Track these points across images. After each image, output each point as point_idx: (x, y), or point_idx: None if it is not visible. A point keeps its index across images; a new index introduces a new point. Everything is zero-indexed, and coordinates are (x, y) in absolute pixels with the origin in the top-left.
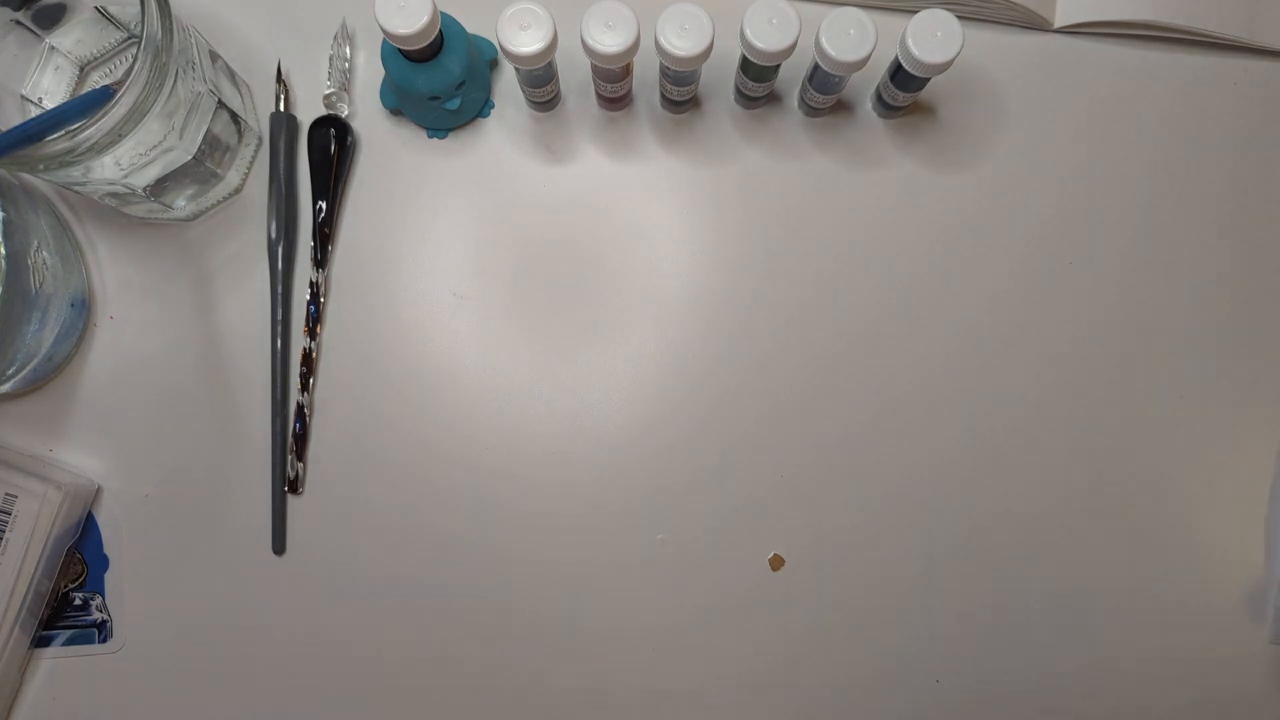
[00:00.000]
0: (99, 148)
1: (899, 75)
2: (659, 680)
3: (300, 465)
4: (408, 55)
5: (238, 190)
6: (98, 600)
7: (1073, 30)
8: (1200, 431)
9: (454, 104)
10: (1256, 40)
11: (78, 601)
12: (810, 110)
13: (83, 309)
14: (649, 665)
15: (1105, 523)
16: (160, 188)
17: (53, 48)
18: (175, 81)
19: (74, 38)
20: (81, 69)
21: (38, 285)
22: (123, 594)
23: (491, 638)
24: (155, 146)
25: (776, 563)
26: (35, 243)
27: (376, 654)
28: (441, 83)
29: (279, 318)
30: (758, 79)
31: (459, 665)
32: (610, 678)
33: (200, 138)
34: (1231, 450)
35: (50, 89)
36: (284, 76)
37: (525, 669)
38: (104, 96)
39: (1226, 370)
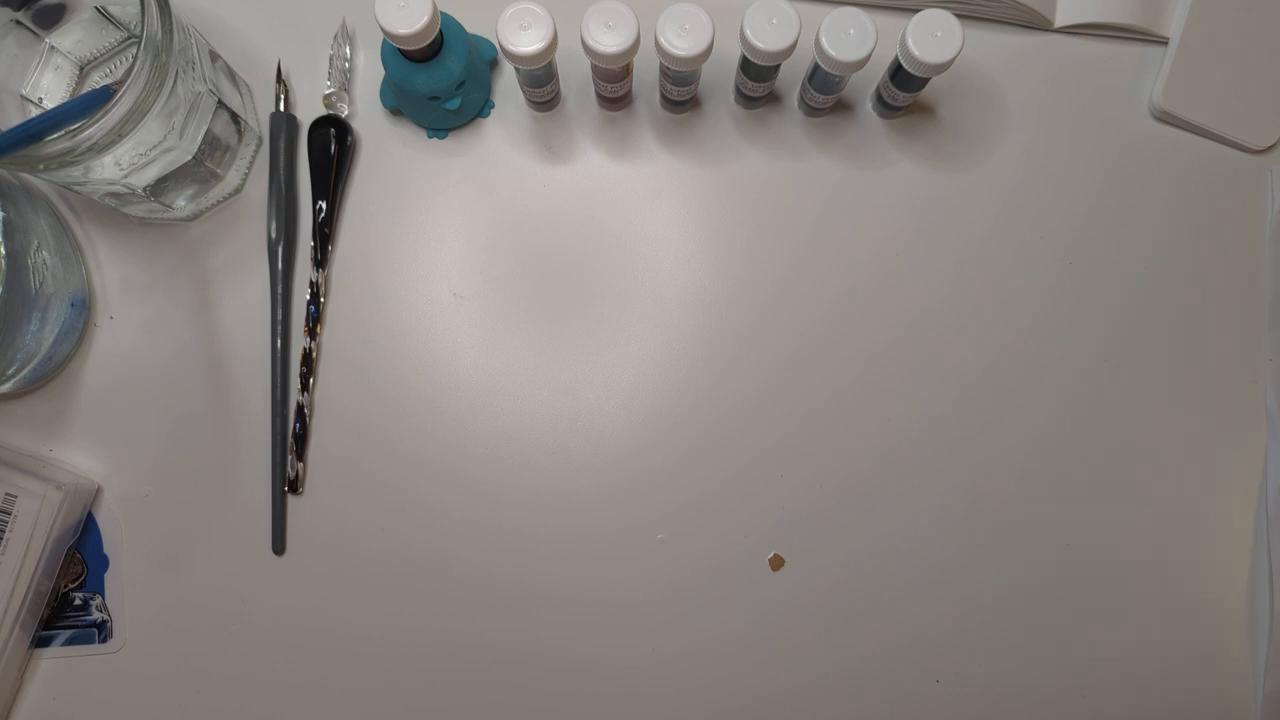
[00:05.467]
0: (99, 148)
1: (899, 75)
2: (658, 677)
3: (300, 465)
4: (408, 55)
5: (238, 190)
6: (98, 600)
7: (1073, 30)
8: (1211, 418)
9: (454, 104)
10: None
11: (78, 601)
12: (810, 110)
13: (83, 309)
14: (648, 662)
15: (1107, 522)
16: (160, 188)
17: (53, 48)
18: (175, 81)
19: (74, 38)
20: (81, 69)
21: (38, 285)
22: (123, 594)
23: (492, 637)
24: (155, 146)
25: (776, 563)
26: (35, 243)
27: (376, 653)
28: (441, 83)
29: (279, 318)
30: (758, 79)
31: (459, 664)
32: (609, 674)
33: (200, 138)
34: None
35: (50, 89)
36: (284, 76)
37: (527, 667)
38: (104, 96)
39: (1237, 374)
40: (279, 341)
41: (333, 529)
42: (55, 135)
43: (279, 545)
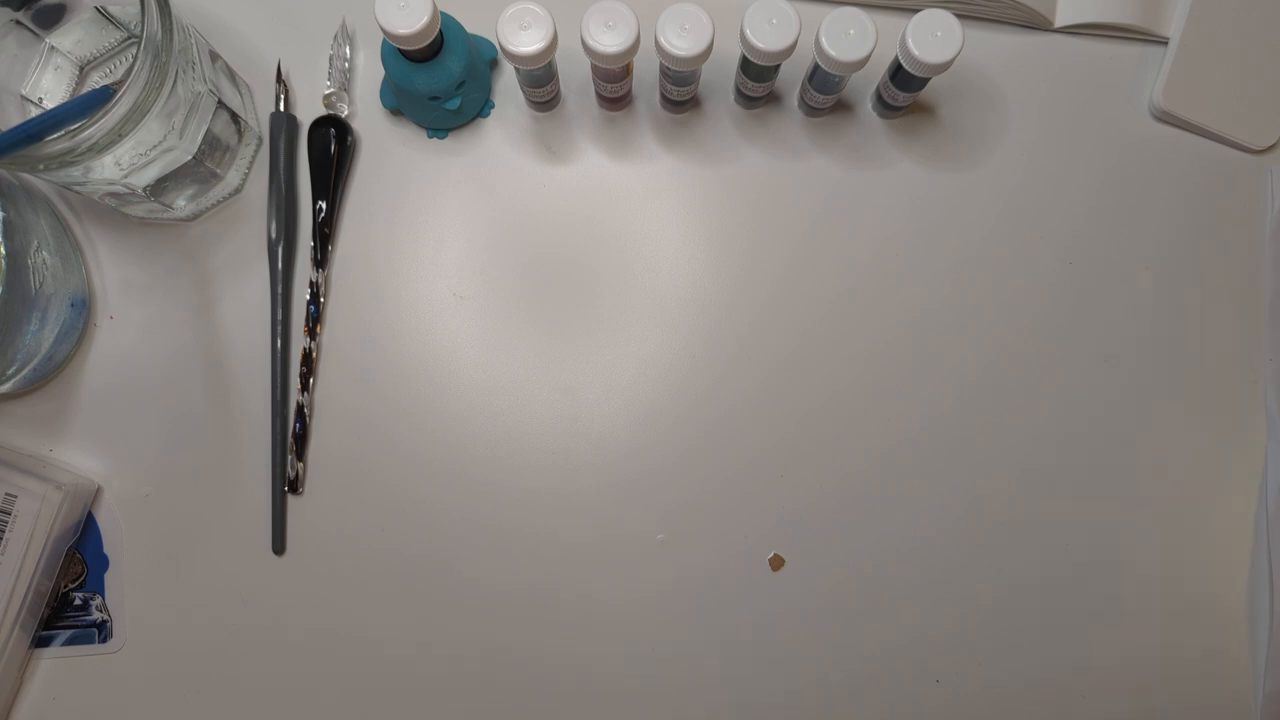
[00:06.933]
0: (99, 148)
1: (899, 75)
2: (658, 677)
3: (300, 465)
4: (408, 55)
5: (238, 190)
6: (98, 600)
7: (1073, 30)
8: (1211, 418)
9: (454, 104)
10: None
11: (78, 601)
12: (810, 110)
13: (83, 309)
14: (648, 662)
15: (1107, 522)
16: (160, 188)
17: (53, 48)
18: (175, 81)
19: (74, 38)
20: (81, 69)
21: (38, 285)
22: (123, 594)
23: (492, 637)
24: (155, 146)
25: (776, 563)
26: (35, 243)
27: (376, 654)
28: (441, 83)
29: (279, 318)
30: (758, 79)
31: (459, 663)
32: (610, 674)
33: (200, 138)
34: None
35: (50, 89)
36: (284, 76)
37: (527, 667)
38: (104, 96)
39: (1237, 374)
40: (279, 341)
41: (333, 529)
42: (55, 135)
43: (279, 545)
